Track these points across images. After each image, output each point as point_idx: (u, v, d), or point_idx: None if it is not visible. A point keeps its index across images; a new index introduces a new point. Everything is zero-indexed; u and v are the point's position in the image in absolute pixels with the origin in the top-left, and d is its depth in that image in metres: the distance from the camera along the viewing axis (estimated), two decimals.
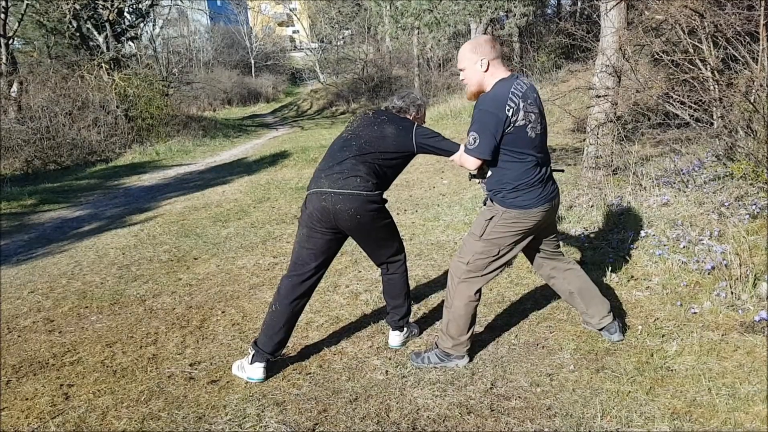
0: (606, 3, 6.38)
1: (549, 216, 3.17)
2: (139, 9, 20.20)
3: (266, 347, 3.24)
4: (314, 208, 3.17)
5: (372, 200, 3.18)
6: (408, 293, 3.58)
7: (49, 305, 4.75)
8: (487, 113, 2.93)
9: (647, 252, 4.44)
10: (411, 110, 3.46)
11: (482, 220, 3.14)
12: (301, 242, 3.27)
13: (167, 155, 14.74)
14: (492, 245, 3.11)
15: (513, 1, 11.61)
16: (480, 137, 2.95)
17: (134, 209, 8.48)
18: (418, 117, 3.47)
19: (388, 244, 3.45)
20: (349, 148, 3.24)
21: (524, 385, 3.03)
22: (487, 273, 3.17)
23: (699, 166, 5.71)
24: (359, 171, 3.17)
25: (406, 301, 3.56)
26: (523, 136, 2.95)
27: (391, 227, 3.43)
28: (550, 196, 3.11)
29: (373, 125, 3.30)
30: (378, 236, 3.37)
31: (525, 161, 3.00)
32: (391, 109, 3.47)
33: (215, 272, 5.27)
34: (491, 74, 3.01)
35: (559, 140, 10.97)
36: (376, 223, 3.27)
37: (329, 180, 3.17)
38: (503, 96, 2.91)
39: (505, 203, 3.06)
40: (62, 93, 15.36)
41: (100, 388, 3.32)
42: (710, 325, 3.45)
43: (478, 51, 2.99)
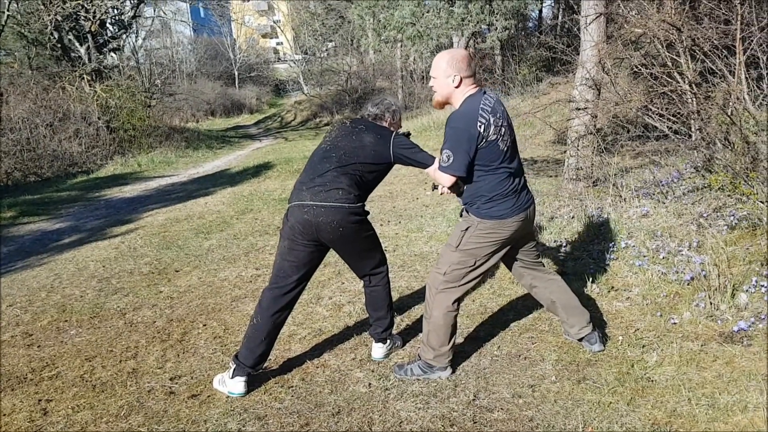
0: (586, 17, 6.46)
1: (525, 226, 3.20)
2: (122, 20, 20.11)
3: (247, 361, 3.22)
4: (296, 221, 3.16)
5: (354, 212, 3.18)
6: (390, 305, 3.58)
7: (27, 319, 4.69)
8: (459, 130, 2.97)
9: (627, 263, 4.48)
10: (386, 116, 3.45)
11: (458, 231, 3.17)
12: (282, 254, 3.26)
13: (149, 166, 14.65)
14: (468, 256, 3.13)
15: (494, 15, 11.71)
16: (454, 155, 2.99)
17: (115, 221, 8.41)
18: (393, 123, 3.46)
19: (370, 256, 3.44)
20: (330, 160, 3.23)
21: (507, 397, 3.04)
22: (465, 283, 3.19)
23: (678, 177, 5.78)
24: (341, 183, 3.16)
25: (388, 313, 3.55)
26: (495, 149, 2.99)
27: (373, 239, 3.43)
28: (525, 205, 3.14)
29: (352, 135, 3.29)
30: (360, 248, 3.36)
31: (498, 173, 3.04)
32: (366, 117, 3.45)
33: (197, 285, 5.23)
34: (461, 90, 3.06)
35: (540, 152, 11.05)
36: (359, 235, 3.27)
37: (311, 192, 3.16)
38: (473, 112, 2.95)
39: (480, 214, 3.09)
40: (43, 104, 15.23)
41: (79, 403, 3.28)
42: (690, 335, 3.48)
43: (453, 66, 3.03)
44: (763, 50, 5.53)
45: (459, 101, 3.07)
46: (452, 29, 11.42)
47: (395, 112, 3.48)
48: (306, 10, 37.38)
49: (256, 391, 3.27)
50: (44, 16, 16.17)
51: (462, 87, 3.05)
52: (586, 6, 6.50)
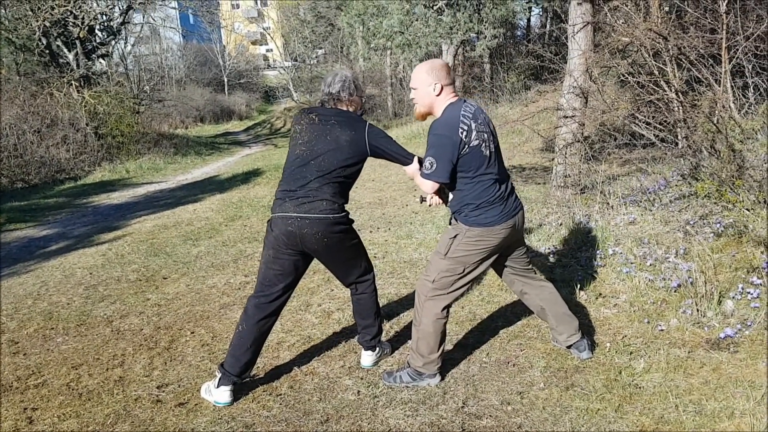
0: (573, 26, 6.52)
1: (514, 233, 3.21)
2: (111, 26, 20.05)
3: (233, 369, 3.20)
4: (280, 232, 3.15)
5: (339, 222, 3.17)
6: (378, 312, 3.56)
7: (13, 326, 4.65)
8: (442, 137, 2.99)
9: (615, 270, 4.50)
10: (344, 95, 3.27)
11: (447, 239, 3.18)
12: (267, 263, 3.25)
13: (137, 173, 14.60)
14: (457, 263, 3.14)
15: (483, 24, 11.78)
16: (437, 162, 3.01)
17: (103, 228, 8.36)
18: (354, 98, 3.30)
19: (355, 265, 3.42)
20: (309, 168, 3.15)
21: (495, 404, 3.04)
22: (453, 291, 3.20)
23: (664, 185, 5.83)
24: (324, 193, 3.12)
25: (376, 321, 3.53)
26: (479, 155, 3.01)
27: (358, 247, 3.41)
28: (513, 212, 3.16)
29: (326, 135, 3.17)
30: (345, 257, 3.35)
31: (483, 180, 3.06)
32: (328, 101, 3.28)
33: (185, 292, 5.21)
34: (442, 99, 3.09)
35: (529, 159, 11.10)
36: (343, 244, 3.27)
37: (293, 204, 3.12)
38: (455, 119, 2.98)
39: (468, 221, 3.10)
40: (31, 110, 15.15)
41: (65, 412, 3.25)
42: (677, 342, 3.50)
43: (433, 74, 3.06)
44: (749, 59, 5.60)
45: (440, 110, 3.09)
46: (441, 37, 11.47)
47: (357, 87, 3.33)
48: (296, 17, 37.44)
49: (244, 399, 3.26)
50: (32, 21, 16.10)
51: (443, 95, 3.08)
52: (574, 15, 6.56)
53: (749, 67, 5.72)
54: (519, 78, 19.56)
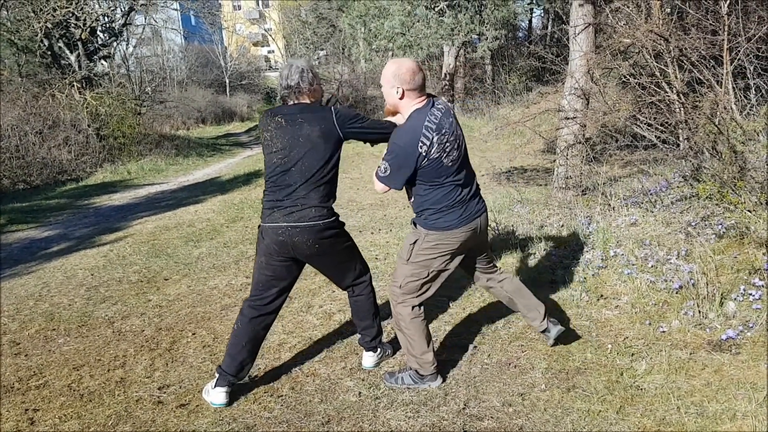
0: (575, 27, 6.52)
1: (476, 236, 3.21)
2: (112, 28, 20.07)
3: (229, 369, 3.21)
4: (271, 241, 3.13)
5: (329, 227, 3.16)
6: (377, 313, 3.55)
7: (15, 327, 4.65)
8: (400, 148, 3.00)
9: (616, 271, 4.50)
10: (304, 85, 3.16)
11: (407, 245, 3.21)
12: (260, 269, 3.24)
13: (139, 174, 14.61)
14: (421, 267, 3.17)
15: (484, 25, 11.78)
16: (391, 170, 3.03)
17: (104, 229, 8.37)
18: (313, 88, 3.19)
19: (350, 267, 3.41)
20: (291, 175, 3.09)
21: (497, 405, 3.04)
22: (422, 293, 3.23)
23: (666, 186, 5.82)
24: (312, 200, 3.10)
25: (375, 322, 3.53)
26: (439, 166, 3.01)
27: (351, 250, 3.40)
28: (474, 215, 3.16)
29: (297, 137, 3.08)
30: (338, 261, 3.35)
31: (444, 186, 3.07)
32: (288, 95, 3.19)
33: (186, 293, 5.21)
34: (405, 103, 3.06)
35: (530, 161, 11.10)
36: (336, 248, 3.27)
37: (282, 213, 3.09)
38: (417, 131, 2.96)
39: (428, 225, 3.12)
40: (33, 112, 15.15)
41: (66, 413, 3.26)
42: (678, 343, 3.50)
43: (397, 78, 3.01)
44: (750, 60, 5.60)
45: (406, 113, 3.07)
46: (442, 39, 11.47)
47: (314, 74, 3.22)
48: (297, 18, 37.43)
49: (245, 400, 3.26)
50: (34, 23, 16.11)
51: (406, 99, 3.04)
52: (575, 16, 6.56)
53: (751, 68, 5.72)
54: (520, 79, 19.59)
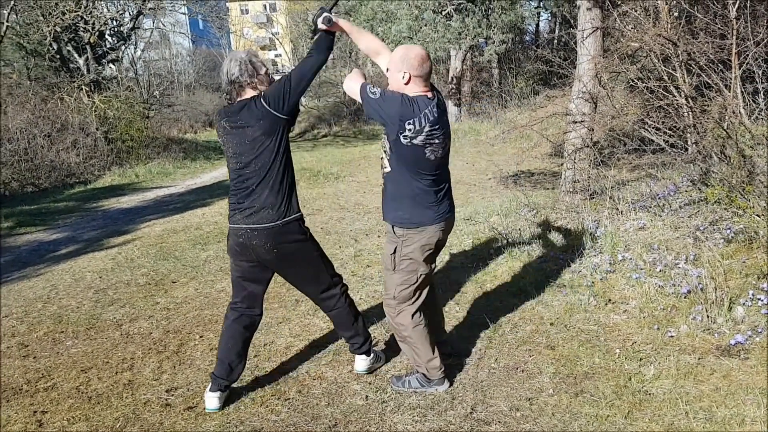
0: (582, 31, 6.51)
1: (444, 235, 3.21)
2: (121, 32, 20.16)
3: (218, 372, 3.23)
4: (234, 243, 3.14)
5: (288, 231, 3.09)
6: (357, 321, 3.44)
7: (23, 330, 4.67)
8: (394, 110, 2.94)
9: (624, 275, 4.48)
10: (244, 78, 3.05)
11: (388, 256, 3.19)
12: (232, 270, 3.29)
13: (147, 177, 14.65)
14: (409, 273, 3.15)
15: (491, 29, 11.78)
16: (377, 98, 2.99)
17: (112, 232, 8.40)
18: (263, 74, 3.10)
19: (315, 278, 3.30)
20: (248, 179, 3.06)
21: (504, 410, 3.03)
22: (417, 299, 3.20)
23: (674, 190, 5.80)
24: (268, 200, 3.05)
25: (359, 329, 3.43)
26: (421, 156, 2.98)
27: (316, 260, 3.27)
28: (446, 215, 3.17)
29: (244, 141, 3.02)
30: (301, 270, 3.26)
31: (423, 181, 3.05)
32: (231, 92, 3.09)
33: (194, 296, 5.22)
34: (410, 89, 3.00)
35: (537, 164, 11.09)
36: (297, 255, 3.18)
37: (242, 215, 3.07)
38: (417, 111, 2.93)
39: (404, 222, 3.11)
40: (41, 115, 15.22)
41: (74, 415, 3.27)
42: (687, 348, 3.48)
43: (405, 62, 2.97)
44: (759, 65, 5.58)
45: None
46: (449, 43, 11.47)
47: (255, 64, 3.08)
48: (304, 22, 37.49)
49: (253, 403, 3.27)
50: (43, 27, 16.21)
51: (411, 85, 2.99)
52: (583, 20, 6.55)
53: (759, 72, 5.70)
54: (527, 83, 19.58)
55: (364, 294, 4.90)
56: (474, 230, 6.38)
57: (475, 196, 8.83)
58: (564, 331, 3.88)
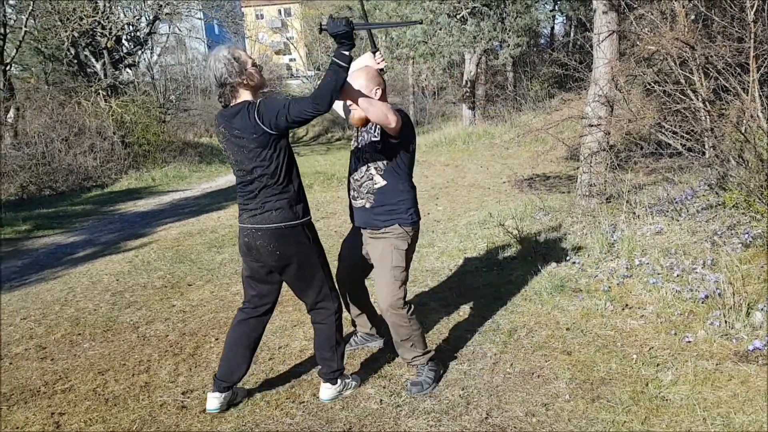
0: (598, 34, 6.48)
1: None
2: (137, 37, 20.35)
3: (219, 373, 3.24)
4: (242, 242, 3.13)
5: (291, 234, 3.03)
6: (339, 346, 3.29)
7: (41, 332, 4.72)
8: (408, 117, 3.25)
9: (641, 280, 4.45)
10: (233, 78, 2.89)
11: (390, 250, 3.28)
12: (243, 270, 3.27)
13: (163, 181, 14.76)
14: (402, 270, 3.31)
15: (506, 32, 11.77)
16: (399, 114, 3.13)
17: (129, 235, 8.47)
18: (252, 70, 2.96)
19: (313, 286, 3.19)
20: (251, 182, 3.01)
21: (520, 415, 3.02)
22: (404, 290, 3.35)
23: (692, 195, 5.76)
24: (269, 202, 3.00)
25: (336, 355, 3.27)
26: (414, 158, 3.36)
27: (315, 264, 3.17)
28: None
29: (242, 149, 2.95)
30: (300, 273, 3.15)
31: (412, 180, 3.40)
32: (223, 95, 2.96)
33: (209, 299, 5.25)
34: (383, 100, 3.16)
35: (553, 168, 11.04)
36: (298, 259, 3.10)
37: (248, 215, 3.04)
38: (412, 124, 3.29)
39: (409, 221, 3.30)
40: (59, 119, 15.39)
41: (91, 417, 3.29)
42: (705, 354, 3.45)
43: (372, 80, 3.13)
44: None
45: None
46: (464, 46, 11.48)
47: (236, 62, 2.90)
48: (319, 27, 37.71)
49: (268, 406, 3.28)
50: (61, 32, 16.40)
51: (383, 98, 3.17)
52: (599, 23, 6.53)
53: None
54: (542, 86, 19.52)
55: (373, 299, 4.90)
56: (488, 234, 6.37)
57: (489, 199, 8.81)
58: (580, 336, 3.86)
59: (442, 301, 4.69)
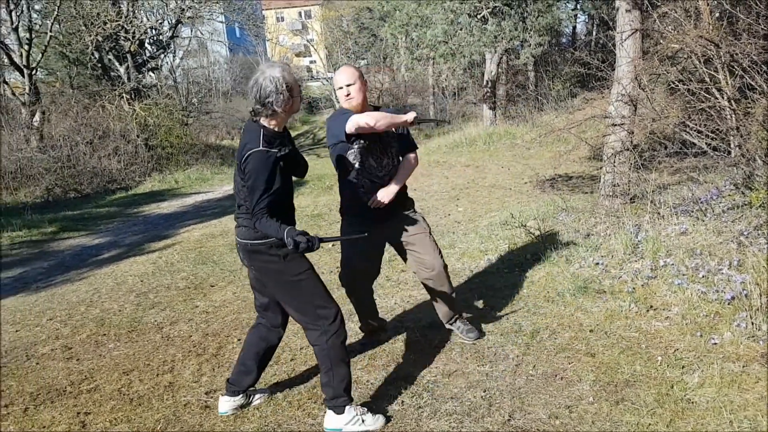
0: (621, 33, 6.42)
1: None
2: (160, 40, 20.59)
3: (231, 375, 3.29)
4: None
5: (257, 251, 2.91)
6: (333, 371, 3.00)
7: (67, 332, 4.78)
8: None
9: (666, 281, 4.39)
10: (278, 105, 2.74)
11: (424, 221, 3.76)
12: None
13: (186, 183, 14.89)
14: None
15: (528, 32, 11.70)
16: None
17: (153, 237, 8.56)
18: (295, 95, 2.82)
19: (293, 306, 3.01)
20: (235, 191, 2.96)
21: (543, 417, 3.00)
22: None
23: (717, 194, 5.67)
24: (240, 218, 2.94)
25: (332, 381, 3.00)
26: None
27: (291, 285, 2.96)
28: None
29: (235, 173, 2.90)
30: (278, 293, 3.02)
31: None
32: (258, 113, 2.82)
33: (231, 300, 5.29)
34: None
35: (575, 168, 10.95)
36: (269, 276, 2.98)
37: (236, 226, 3.00)
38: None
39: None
40: (83, 122, 15.62)
41: (116, 417, 3.33)
42: (731, 356, 3.40)
43: (363, 77, 3.54)
44: None
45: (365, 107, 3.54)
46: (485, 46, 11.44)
47: (284, 94, 2.76)
48: (339, 29, 37.81)
49: (290, 406, 3.29)
50: (85, 36, 16.64)
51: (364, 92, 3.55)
52: (622, 22, 6.46)
53: None
54: (564, 85, 19.37)
55: (398, 299, 4.90)
56: (510, 235, 6.33)
57: (510, 200, 8.76)
58: (604, 338, 3.82)
59: (464, 303, 4.66)
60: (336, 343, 2.97)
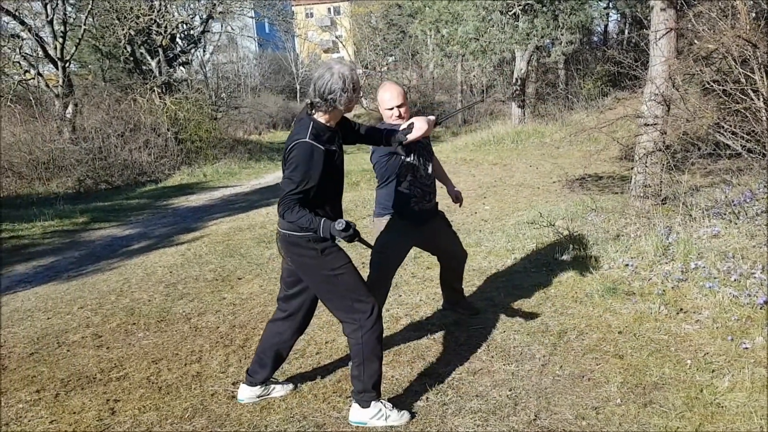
0: (655, 32, 6.33)
1: None
2: (191, 35, 20.77)
3: (250, 365, 3.33)
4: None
5: (294, 243, 2.92)
6: (364, 366, 2.99)
7: (97, 321, 4.86)
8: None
9: (697, 284, 4.33)
10: (341, 101, 2.75)
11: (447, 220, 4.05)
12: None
13: (214, 177, 15.03)
14: None
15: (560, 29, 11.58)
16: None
17: (182, 229, 8.66)
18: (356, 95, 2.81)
19: (329, 299, 3.02)
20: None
21: (569, 418, 2.98)
22: None
23: (751, 197, 5.56)
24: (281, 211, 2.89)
25: (362, 375, 2.99)
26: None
27: (326, 279, 2.96)
28: None
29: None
30: (314, 286, 3.04)
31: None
32: (317, 106, 2.83)
33: (258, 292, 5.33)
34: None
35: (605, 168, 10.83)
36: (304, 269, 2.99)
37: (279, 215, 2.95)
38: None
39: None
40: (115, 115, 15.82)
41: (145, 404, 3.38)
42: (762, 361, 3.34)
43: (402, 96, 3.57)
44: None
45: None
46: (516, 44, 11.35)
47: (348, 93, 2.76)
48: (368, 25, 37.81)
49: (315, 399, 3.31)
50: (118, 30, 16.85)
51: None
52: (656, 21, 6.37)
53: None
54: (595, 84, 19.14)
55: (423, 296, 4.89)
56: (538, 234, 6.29)
57: (539, 199, 8.70)
58: (633, 340, 3.78)
59: (490, 301, 4.65)
60: (371, 339, 2.97)
